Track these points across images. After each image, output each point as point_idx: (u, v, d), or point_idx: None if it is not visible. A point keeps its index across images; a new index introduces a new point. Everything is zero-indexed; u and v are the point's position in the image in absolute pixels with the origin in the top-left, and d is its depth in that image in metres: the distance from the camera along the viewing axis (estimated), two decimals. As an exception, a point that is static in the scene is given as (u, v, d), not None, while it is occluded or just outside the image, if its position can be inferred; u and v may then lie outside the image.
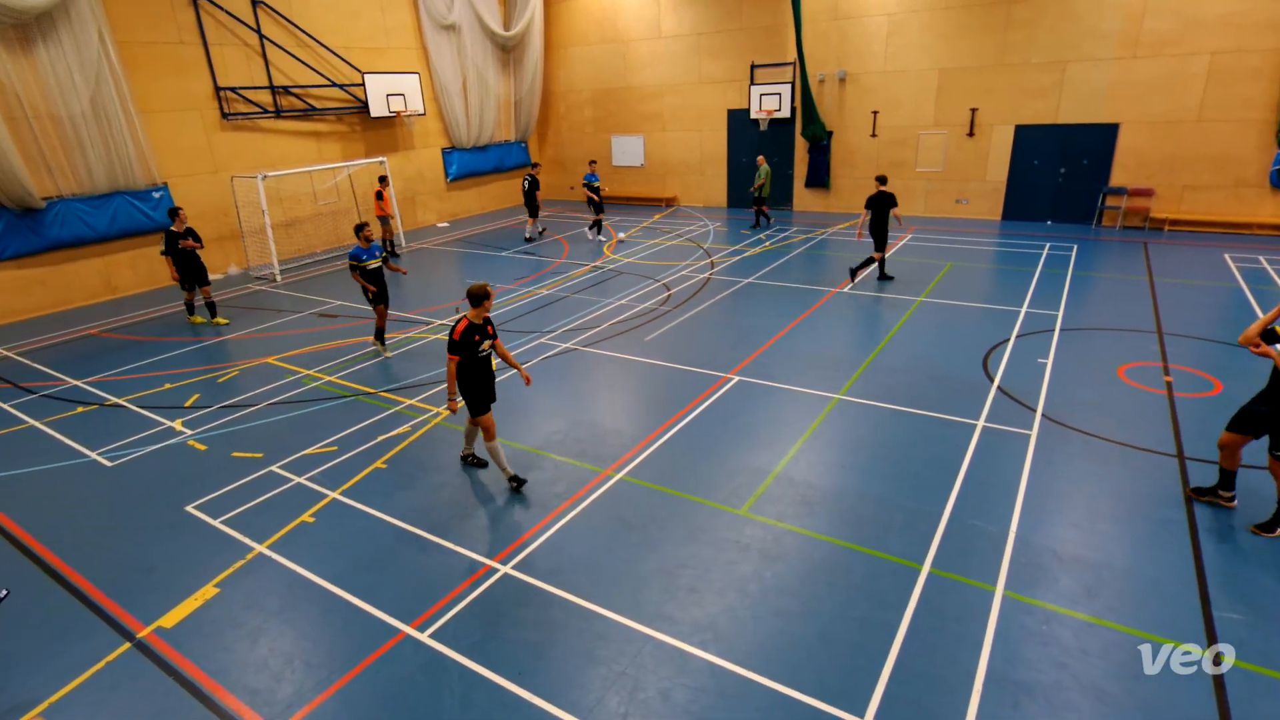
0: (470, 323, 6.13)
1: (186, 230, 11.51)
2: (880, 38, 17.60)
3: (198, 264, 11.74)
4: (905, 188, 18.56)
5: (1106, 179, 16.15)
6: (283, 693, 4.41)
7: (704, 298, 12.25)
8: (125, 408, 8.80)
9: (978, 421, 7.42)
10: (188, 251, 11.49)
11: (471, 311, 6.19)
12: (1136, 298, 11.28)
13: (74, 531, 6.27)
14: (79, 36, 12.71)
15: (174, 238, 11.39)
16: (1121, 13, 14.83)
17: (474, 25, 20.50)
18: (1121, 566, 5.19)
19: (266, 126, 16.36)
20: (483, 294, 6.17)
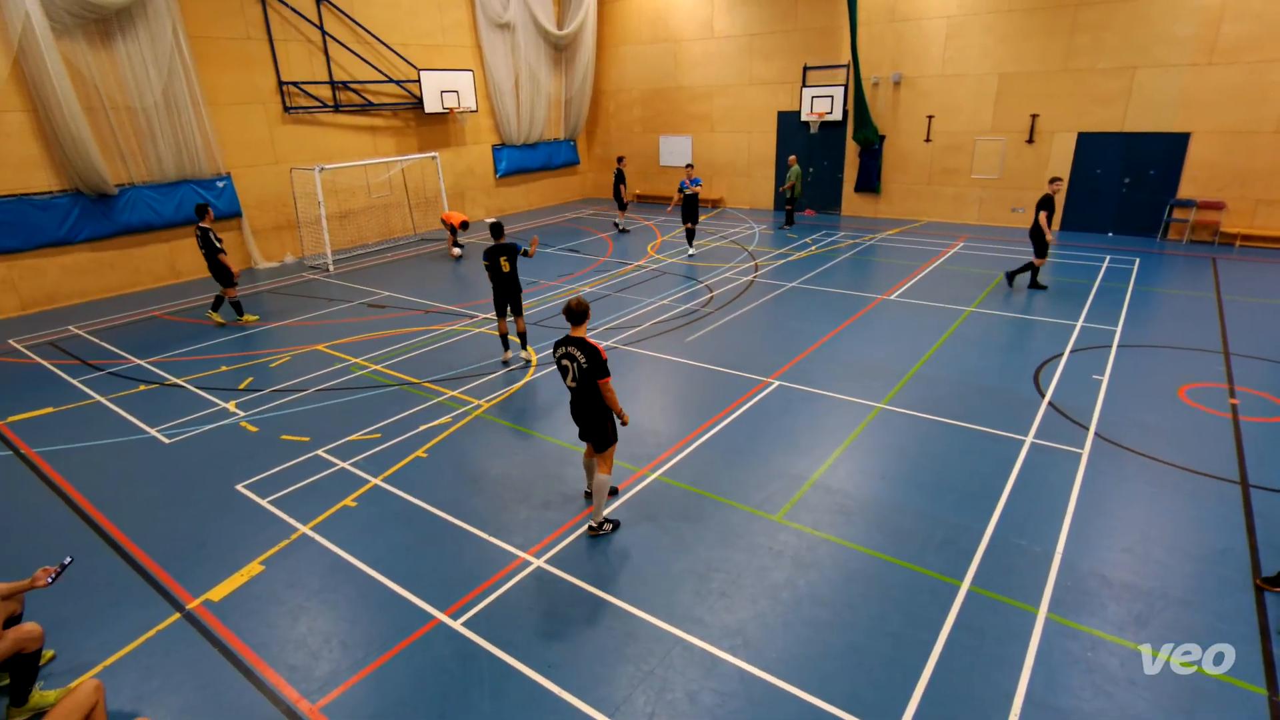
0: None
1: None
2: (939, 40, 17.19)
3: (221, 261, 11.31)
4: (958, 195, 18.12)
5: (1174, 190, 15.47)
6: (320, 670, 4.54)
7: (747, 300, 12.16)
8: (183, 388, 9.17)
9: (1026, 437, 7.19)
10: (219, 249, 11.16)
11: (575, 330, 5.53)
12: (1202, 315, 10.78)
13: (132, 504, 6.56)
14: (155, 31, 13.29)
15: (214, 234, 11.15)
16: (1198, 17, 14.18)
17: (528, 24, 20.75)
18: (1176, 596, 4.97)
19: (325, 120, 16.86)
20: (585, 312, 5.53)
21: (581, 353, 5.40)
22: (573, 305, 5.50)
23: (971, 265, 14.08)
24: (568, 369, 5.53)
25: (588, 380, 5.44)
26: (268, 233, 16.21)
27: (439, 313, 12.03)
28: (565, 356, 5.51)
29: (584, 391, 5.51)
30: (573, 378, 5.52)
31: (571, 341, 5.48)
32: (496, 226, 9.16)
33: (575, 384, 5.53)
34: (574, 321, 5.51)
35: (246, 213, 15.59)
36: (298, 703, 4.29)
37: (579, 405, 5.65)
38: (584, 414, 5.64)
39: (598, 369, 5.37)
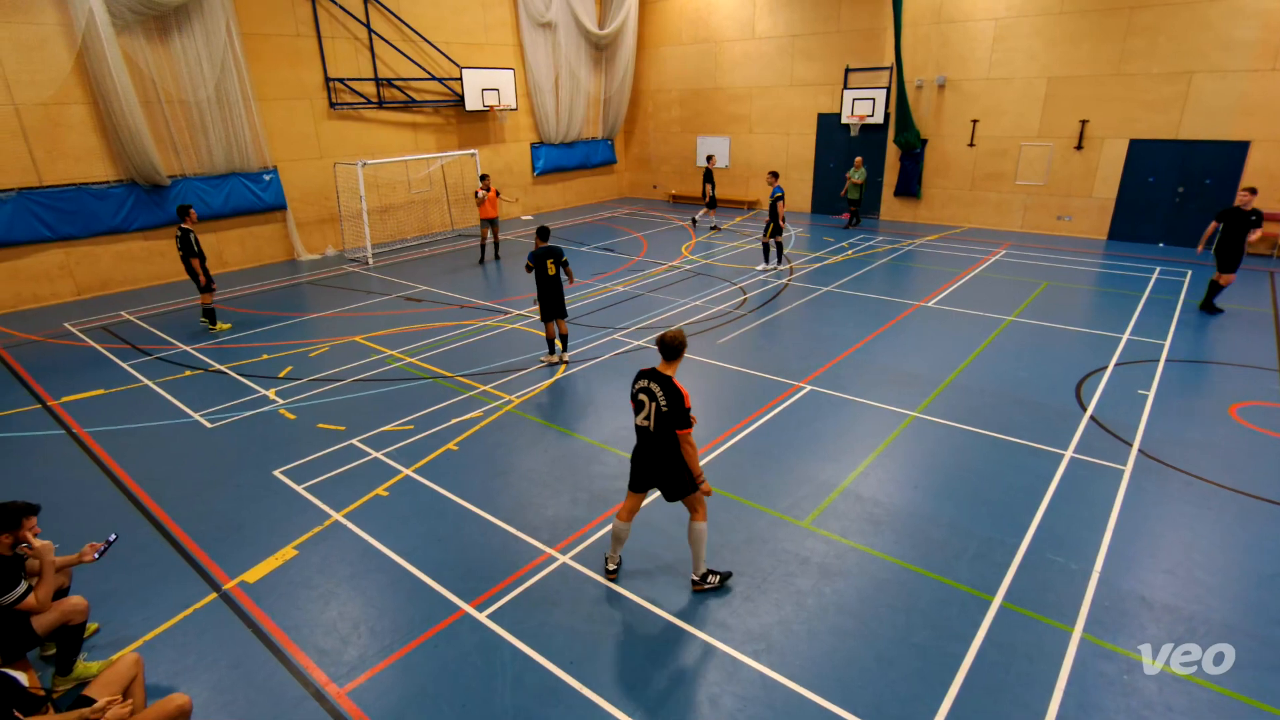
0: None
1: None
2: (985, 43, 16.82)
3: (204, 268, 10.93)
4: (1002, 201, 17.71)
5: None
6: (348, 655, 4.63)
7: (780, 303, 12.06)
8: (226, 374, 9.44)
9: (1066, 452, 7.00)
10: (196, 253, 10.73)
11: (664, 365, 4.83)
12: (1257, 331, 10.36)
13: (175, 485, 6.78)
14: (210, 28, 13.71)
15: (195, 237, 10.70)
16: (1260, 20, 13.62)
17: (570, 23, 20.88)
18: (1220, 621, 4.79)
19: (369, 116, 17.19)
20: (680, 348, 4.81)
21: (663, 392, 4.67)
22: (667, 338, 4.76)
23: (1013, 274, 13.75)
24: (644, 405, 4.81)
25: (663, 425, 4.72)
26: (310, 226, 16.59)
27: (474, 308, 12.18)
28: (644, 391, 4.80)
29: (658, 435, 4.78)
30: (645, 416, 4.81)
31: (655, 376, 4.76)
32: (543, 230, 9.23)
33: (648, 423, 4.80)
34: (665, 356, 4.79)
35: (291, 206, 15.98)
36: (326, 685, 4.38)
37: (647, 448, 4.88)
38: (652, 459, 4.87)
39: (677, 417, 4.65)
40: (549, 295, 9.16)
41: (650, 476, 4.97)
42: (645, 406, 4.82)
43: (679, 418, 4.66)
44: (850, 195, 18.25)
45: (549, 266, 9.01)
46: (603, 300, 12.42)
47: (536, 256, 9.04)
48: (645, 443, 4.92)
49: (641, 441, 4.95)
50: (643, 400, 4.83)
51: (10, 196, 12.23)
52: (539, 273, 9.05)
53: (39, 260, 12.90)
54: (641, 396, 4.84)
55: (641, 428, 4.90)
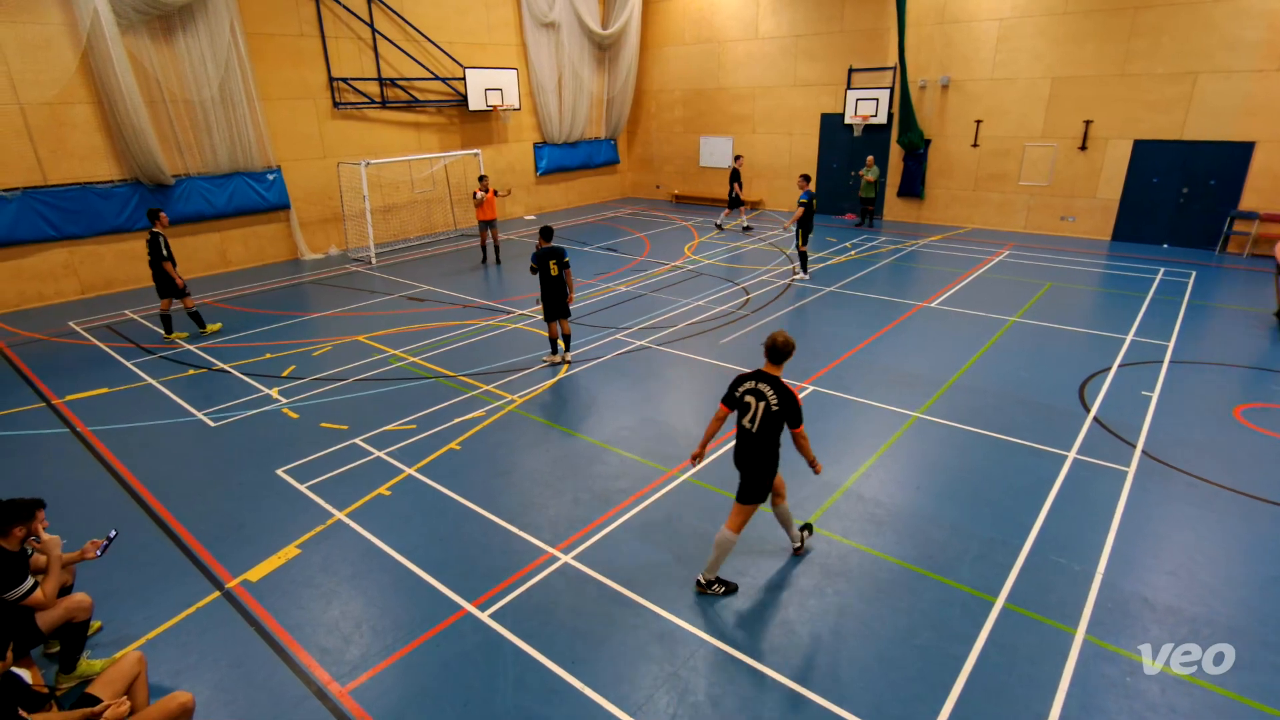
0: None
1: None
2: (989, 43, 16.79)
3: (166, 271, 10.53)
4: (1006, 201, 17.67)
5: (1235, 202, 14.85)
6: (350, 654, 4.64)
7: (783, 304, 12.06)
8: (230, 373, 9.46)
9: (1069, 453, 6.98)
10: (166, 257, 10.38)
11: (770, 367, 4.95)
12: (1261, 332, 10.33)
13: (179, 483, 6.80)
14: (214, 28, 13.74)
15: (166, 241, 10.39)
16: (1265, 21, 13.57)
17: (573, 23, 20.89)
18: (1223, 623, 4.77)
19: (372, 116, 17.22)
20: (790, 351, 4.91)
21: (774, 392, 4.79)
22: (778, 342, 4.89)
23: (1017, 274, 13.73)
24: (750, 406, 4.89)
25: (772, 423, 4.81)
26: (314, 225, 16.62)
27: (476, 308, 12.19)
28: (752, 393, 4.88)
29: (761, 435, 4.86)
30: (751, 416, 4.88)
31: (764, 378, 4.87)
32: (546, 230, 9.23)
33: (752, 425, 4.88)
34: (773, 359, 4.91)
35: (294, 205, 16.01)
36: (328, 684, 4.39)
37: (749, 448, 4.95)
38: (753, 459, 4.95)
39: (792, 414, 4.79)
40: (551, 295, 9.16)
41: (757, 475, 4.98)
42: (752, 407, 4.88)
43: (793, 414, 4.80)
44: (865, 194, 18.23)
45: (551, 267, 9.02)
46: (605, 300, 12.42)
47: (539, 257, 9.05)
48: (745, 444, 5.00)
49: (741, 443, 5.03)
50: (749, 402, 4.90)
51: (15, 195, 12.27)
52: (542, 273, 9.07)
53: (44, 259, 12.94)
54: (748, 398, 4.90)
55: (744, 429, 4.97)
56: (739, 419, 5.04)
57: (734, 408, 5.03)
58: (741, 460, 5.04)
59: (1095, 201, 16.45)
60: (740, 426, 5.02)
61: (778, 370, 4.92)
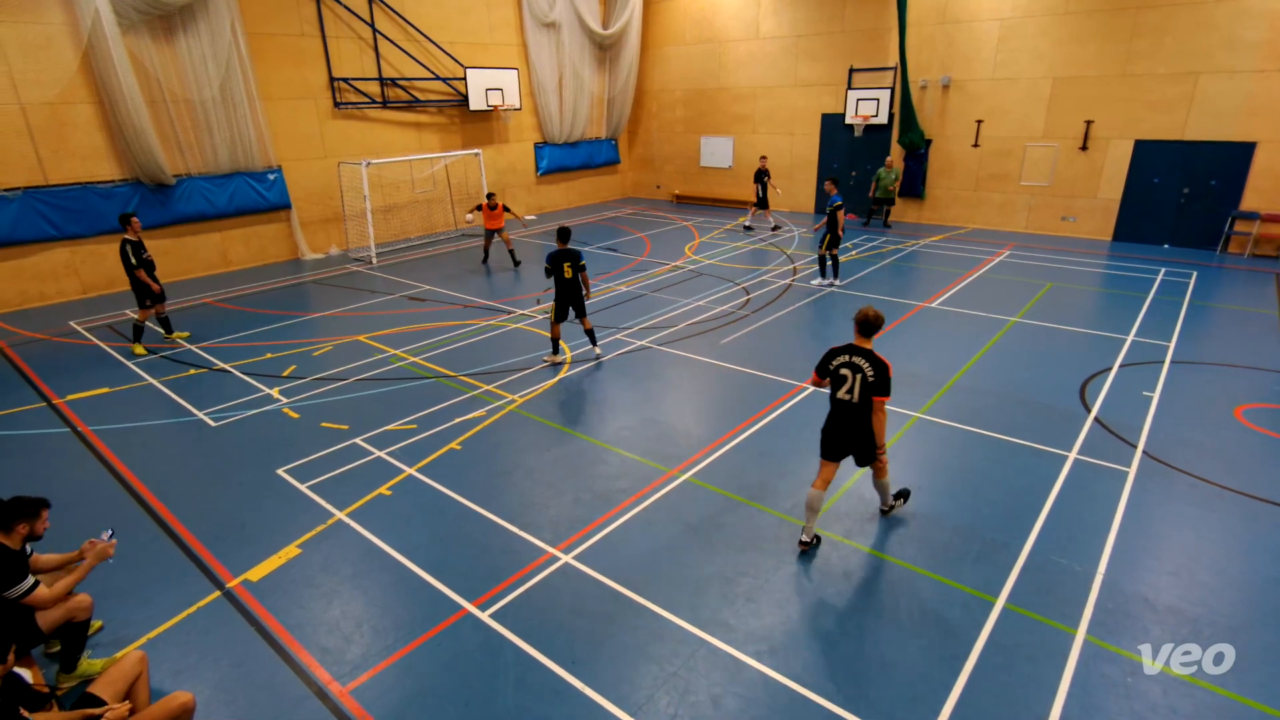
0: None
1: (139, 241, 10.15)
2: (990, 43, 16.78)
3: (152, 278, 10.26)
4: (1006, 202, 17.67)
5: (1237, 202, 14.84)
6: (351, 654, 4.64)
7: (784, 304, 12.05)
8: (230, 373, 9.47)
9: (1070, 453, 6.98)
10: (149, 263, 10.16)
11: (861, 340, 5.28)
12: (1263, 333, 10.32)
13: (179, 483, 6.80)
14: (215, 27, 13.74)
15: (138, 247, 10.01)
16: (1267, 21, 13.56)
17: (574, 23, 20.89)
18: (1224, 624, 4.77)
19: (373, 116, 17.22)
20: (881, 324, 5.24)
21: (870, 365, 5.14)
22: (870, 316, 5.23)
23: (1018, 274, 13.72)
24: (846, 379, 5.22)
25: (868, 393, 5.16)
26: (314, 225, 16.63)
27: (477, 308, 12.19)
28: (848, 366, 5.21)
29: (861, 405, 5.21)
30: (848, 389, 5.22)
31: (858, 351, 5.20)
32: (563, 231, 9.27)
33: (850, 396, 5.22)
34: (866, 332, 5.23)
35: (295, 205, 16.01)
36: (329, 684, 4.39)
37: (848, 419, 5.29)
38: (852, 429, 5.29)
39: (883, 385, 5.12)
40: (565, 297, 9.20)
41: (845, 445, 5.42)
42: (848, 380, 5.23)
43: (884, 385, 5.14)
44: (882, 195, 18.10)
45: (565, 270, 9.04)
46: (606, 300, 12.42)
47: (554, 258, 9.08)
48: (845, 414, 5.34)
49: (840, 414, 5.38)
50: (845, 374, 5.25)
51: (16, 195, 12.28)
52: (557, 275, 9.09)
53: (45, 259, 12.95)
54: (844, 371, 5.25)
55: (842, 401, 5.32)
56: (834, 392, 5.38)
57: (828, 377, 5.43)
58: (840, 431, 5.38)
59: (1096, 202, 16.44)
60: (837, 400, 5.37)
61: (868, 343, 5.27)
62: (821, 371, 5.43)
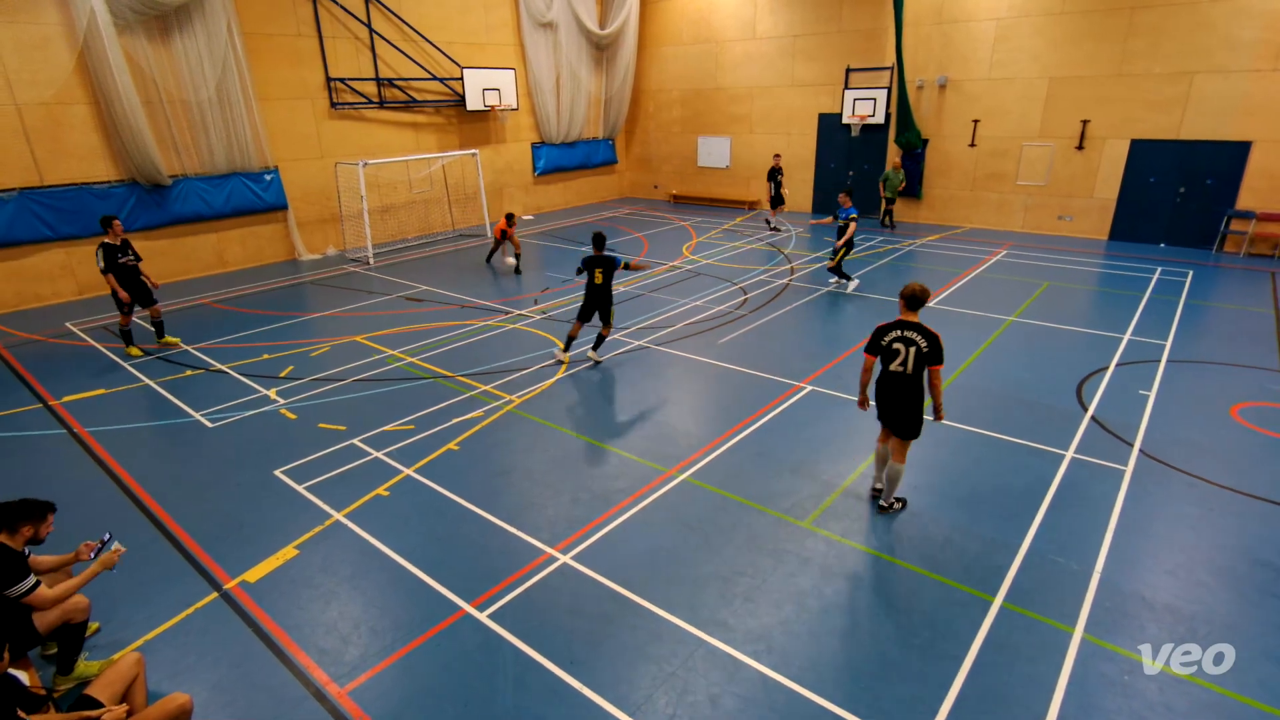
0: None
1: (124, 243, 9.76)
2: (987, 43, 16.81)
3: (140, 281, 9.94)
4: (1003, 201, 17.70)
5: (1232, 201, 14.89)
6: (349, 655, 4.63)
7: (781, 304, 12.06)
8: (227, 374, 9.45)
9: (1067, 452, 6.99)
10: (129, 268, 9.77)
11: (909, 314, 5.58)
12: (1259, 332, 10.35)
13: (176, 484, 6.78)
14: (211, 28, 13.71)
15: (112, 251, 9.59)
16: (1263, 20, 13.61)
17: (571, 23, 20.88)
18: (1221, 622, 4.78)
19: (370, 116, 17.20)
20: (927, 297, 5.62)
21: (923, 337, 5.46)
22: (917, 290, 5.55)
23: (1014, 274, 13.75)
24: (899, 352, 5.53)
25: (921, 364, 5.48)
26: (311, 225, 16.60)
27: (475, 308, 12.18)
28: (901, 340, 5.52)
29: (914, 377, 5.54)
30: (901, 361, 5.53)
31: (909, 326, 5.50)
32: (598, 237, 9.37)
33: (904, 368, 5.53)
34: (913, 306, 5.55)
35: (292, 205, 15.99)
36: (326, 685, 4.38)
37: (901, 390, 5.59)
38: (904, 400, 5.60)
39: (937, 354, 5.44)
40: (592, 301, 9.33)
41: (892, 416, 5.70)
42: (902, 353, 5.53)
43: (938, 355, 5.46)
44: (890, 195, 17.99)
45: (597, 275, 9.15)
46: (603, 300, 12.40)
47: (587, 262, 9.24)
48: (896, 386, 5.63)
49: (892, 386, 5.65)
50: (898, 348, 5.54)
51: (12, 196, 12.24)
52: (588, 279, 9.24)
53: (41, 260, 12.91)
54: (897, 345, 5.54)
55: (895, 373, 5.59)
56: (886, 365, 5.65)
57: (879, 355, 5.66)
58: (893, 402, 5.66)
59: (1092, 201, 16.48)
60: (889, 372, 5.63)
61: (915, 316, 5.57)
62: (873, 349, 5.69)
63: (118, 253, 9.66)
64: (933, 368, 5.45)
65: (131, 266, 9.85)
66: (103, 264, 9.58)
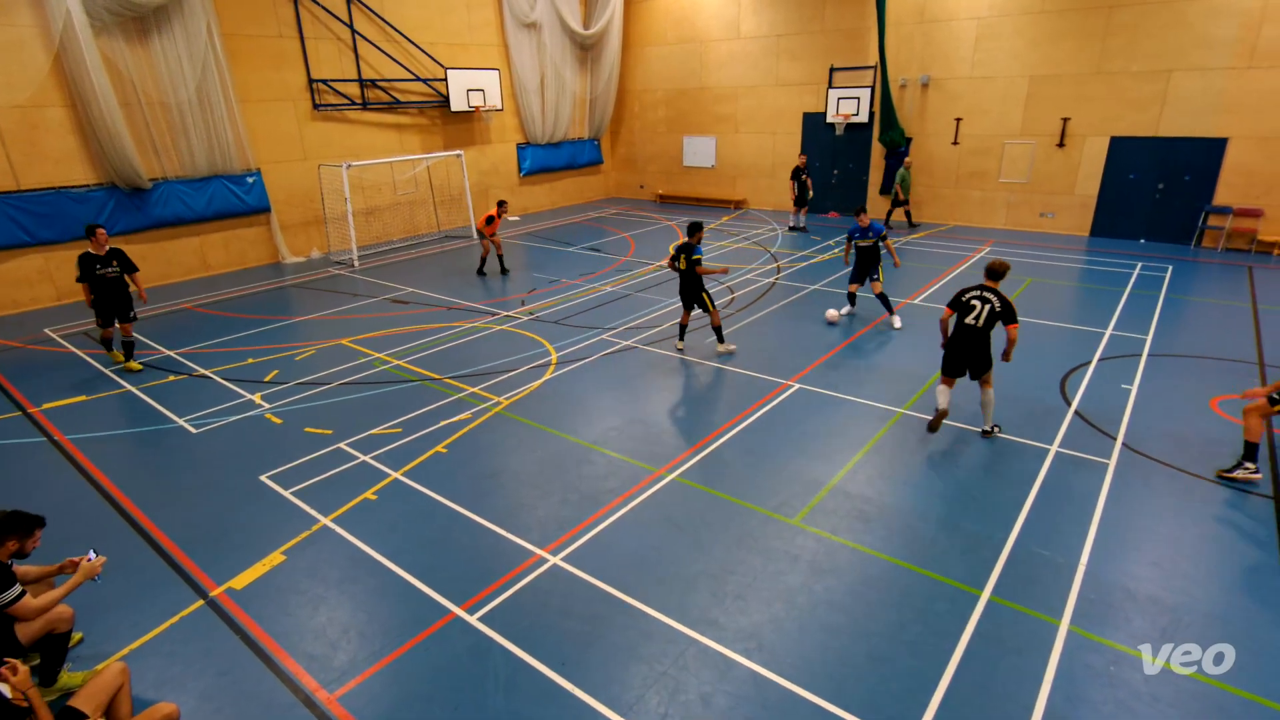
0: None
1: (111, 252, 9.32)
2: (968, 42, 16.96)
3: (121, 294, 9.45)
4: (986, 199, 17.87)
5: (1210, 197, 15.11)
6: (338, 661, 4.60)
7: (768, 302, 12.10)
8: (211, 379, 9.34)
9: (1051, 446, 7.07)
10: (108, 280, 9.28)
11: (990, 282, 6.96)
12: (1237, 325, 10.51)
13: (160, 492, 6.70)
14: (190, 29, 13.55)
15: (89, 261, 9.16)
16: (1238, 19, 13.83)
17: (554, 23, 20.83)
18: (1203, 611, 4.86)
19: (353, 118, 17.07)
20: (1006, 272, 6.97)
21: (998, 299, 6.85)
22: (996, 264, 6.98)
23: (998, 270, 13.85)
24: (975, 307, 6.91)
25: (994, 321, 6.85)
26: (295, 228, 16.46)
27: (461, 310, 12.13)
28: (979, 298, 6.91)
29: (984, 331, 6.90)
30: (975, 316, 6.90)
31: (986, 288, 6.96)
32: (694, 225, 9.62)
33: (976, 322, 6.90)
34: (993, 277, 6.97)
35: (275, 208, 15.84)
36: (316, 692, 4.35)
37: (970, 342, 6.98)
38: (973, 349, 6.99)
39: (1010, 313, 6.81)
40: (683, 286, 9.57)
41: (964, 363, 7.09)
42: (977, 308, 6.90)
43: (1011, 314, 6.83)
44: (902, 195, 17.72)
45: (681, 260, 9.43)
46: (591, 301, 12.41)
47: (677, 249, 9.55)
48: (969, 338, 6.99)
49: (964, 337, 7.01)
50: (974, 304, 6.92)
51: (-13, 201, 12.04)
52: (675, 264, 9.62)
53: (18, 265, 12.70)
54: (974, 301, 6.93)
55: (968, 326, 6.95)
56: (961, 319, 7.01)
57: (958, 309, 7.04)
58: (964, 350, 7.04)
59: (1074, 198, 16.67)
60: (963, 325, 7.00)
61: (996, 285, 6.95)
62: (953, 304, 7.11)
63: (96, 263, 9.21)
64: (1010, 325, 6.79)
65: (112, 279, 9.31)
66: (78, 273, 9.26)
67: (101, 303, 9.39)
